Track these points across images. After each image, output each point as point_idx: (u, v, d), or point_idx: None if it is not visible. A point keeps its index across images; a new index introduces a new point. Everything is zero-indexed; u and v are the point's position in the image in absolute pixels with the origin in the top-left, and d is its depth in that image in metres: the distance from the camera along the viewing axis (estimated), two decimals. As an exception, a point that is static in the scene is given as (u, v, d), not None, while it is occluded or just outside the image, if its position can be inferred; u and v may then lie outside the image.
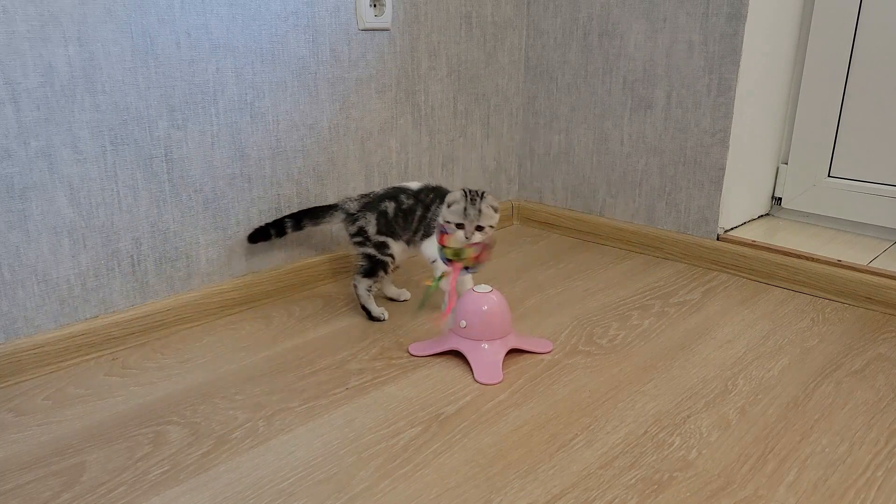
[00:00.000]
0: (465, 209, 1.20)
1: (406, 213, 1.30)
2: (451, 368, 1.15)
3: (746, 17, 1.46)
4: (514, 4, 1.78)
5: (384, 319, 1.33)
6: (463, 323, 1.16)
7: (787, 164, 1.69)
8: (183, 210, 1.27)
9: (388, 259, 1.32)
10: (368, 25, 1.46)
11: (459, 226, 1.21)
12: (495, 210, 1.23)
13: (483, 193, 1.22)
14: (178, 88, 1.22)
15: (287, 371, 1.15)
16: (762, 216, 1.74)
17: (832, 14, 1.56)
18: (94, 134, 1.13)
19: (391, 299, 1.43)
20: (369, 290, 1.33)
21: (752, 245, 1.54)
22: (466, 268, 1.22)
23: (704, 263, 1.61)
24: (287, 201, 1.42)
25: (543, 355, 1.20)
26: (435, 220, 1.28)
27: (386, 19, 1.49)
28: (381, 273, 1.33)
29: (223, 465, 0.91)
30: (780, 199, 1.72)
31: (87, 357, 1.19)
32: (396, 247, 1.32)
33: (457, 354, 1.19)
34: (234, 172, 1.32)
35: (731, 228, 1.63)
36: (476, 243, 1.21)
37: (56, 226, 1.12)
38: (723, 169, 1.56)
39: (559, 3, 1.75)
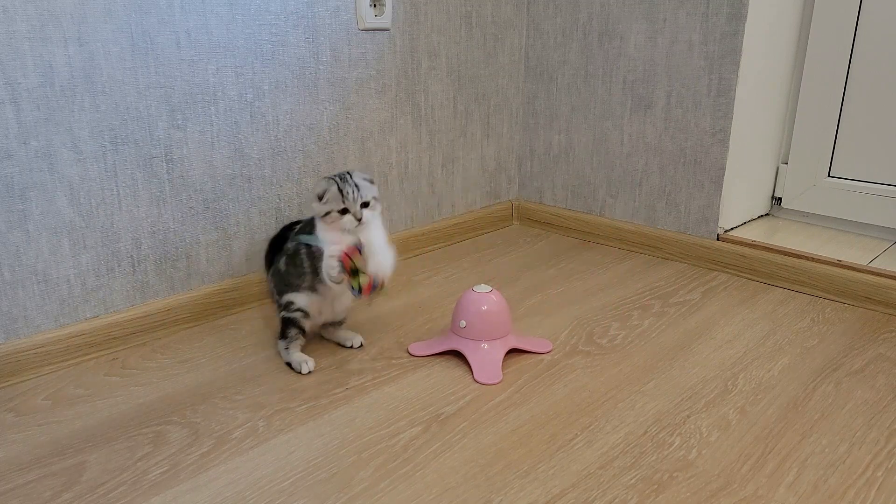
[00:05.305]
0: (341, 190, 1.08)
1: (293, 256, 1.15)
2: (451, 368, 1.15)
3: (746, 17, 1.46)
4: (514, 4, 1.78)
5: (304, 372, 1.14)
6: (463, 323, 1.16)
7: (787, 164, 1.69)
8: (183, 210, 1.27)
9: (298, 315, 1.15)
10: (368, 25, 1.46)
11: (343, 211, 1.08)
12: (371, 181, 1.12)
13: (350, 171, 1.12)
14: (178, 88, 1.22)
15: (287, 371, 1.15)
16: (762, 216, 1.74)
17: (832, 14, 1.56)
18: (94, 134, 1.13)
19: (340, 345, 1.24)
20: (287, 349, 1.16)
21: (752, 245, 1.54)
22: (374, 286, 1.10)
23: (704, 263, 1.61)
24: (287, 201, 1.42)
25: (543, 355, 1.20)
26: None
27: (386, 19, 1.49)
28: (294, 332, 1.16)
29: (223, 465, 0.91)
30: (780, 198, 1.72)
31: (87, 357, 1.19)
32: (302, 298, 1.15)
33: (457, 354, 1.19)
34: (234, 172, 1.33)
35: (731, 228, 1.63)
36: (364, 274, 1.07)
37: (56, 226, 1.12)
38: (723, 169, 1.56)
39: (559, 3, 1.75)
